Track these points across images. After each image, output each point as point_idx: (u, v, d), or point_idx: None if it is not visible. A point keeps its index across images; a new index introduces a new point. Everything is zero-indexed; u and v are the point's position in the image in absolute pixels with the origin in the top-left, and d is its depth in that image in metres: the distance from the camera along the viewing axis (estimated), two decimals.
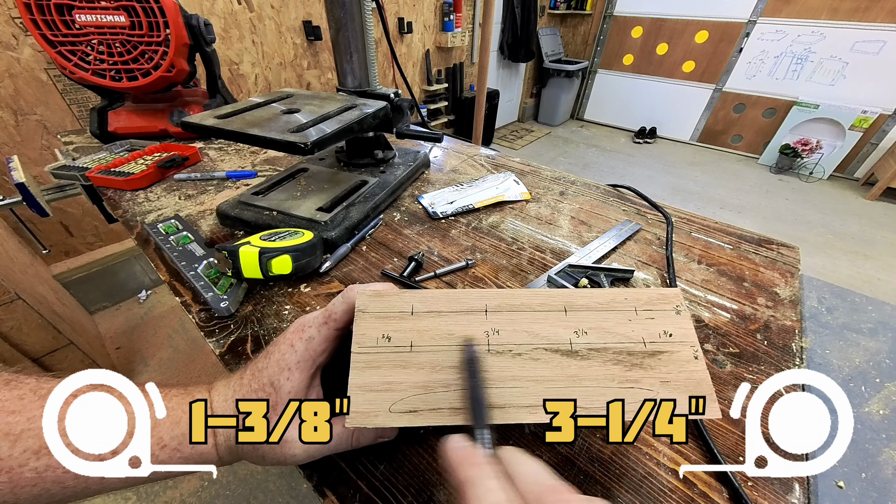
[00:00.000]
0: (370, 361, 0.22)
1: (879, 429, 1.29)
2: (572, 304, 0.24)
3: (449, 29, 2.60)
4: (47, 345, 1.00)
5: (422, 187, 0.69)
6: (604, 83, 4.08)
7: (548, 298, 0.24)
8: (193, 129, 0.48)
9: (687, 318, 0.24)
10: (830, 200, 2.81)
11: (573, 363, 0.22)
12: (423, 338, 0.23)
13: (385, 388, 0.21)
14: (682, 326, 0.23)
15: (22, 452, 0.19)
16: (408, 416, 0.20)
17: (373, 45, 0.61)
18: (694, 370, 0.22)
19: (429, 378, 0.21)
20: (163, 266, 0.48)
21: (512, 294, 0.24)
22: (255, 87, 1.75)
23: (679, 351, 0.22)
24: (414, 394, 0.21)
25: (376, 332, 0.23)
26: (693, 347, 0.23)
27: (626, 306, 0.24)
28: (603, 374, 0.21)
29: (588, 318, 0.23)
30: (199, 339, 1.44)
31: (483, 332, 0.23)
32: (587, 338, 0.22)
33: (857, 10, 2.70)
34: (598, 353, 0.22)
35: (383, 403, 0.21)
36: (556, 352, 0.22)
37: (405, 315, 0.23)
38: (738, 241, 0.56)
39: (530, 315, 0.23)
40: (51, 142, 1.28)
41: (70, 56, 0.71)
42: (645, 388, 0.21)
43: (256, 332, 0.39)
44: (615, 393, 0.21)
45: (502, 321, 0.23)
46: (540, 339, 0.22)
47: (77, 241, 1.47)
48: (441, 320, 0.23)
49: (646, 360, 0.22)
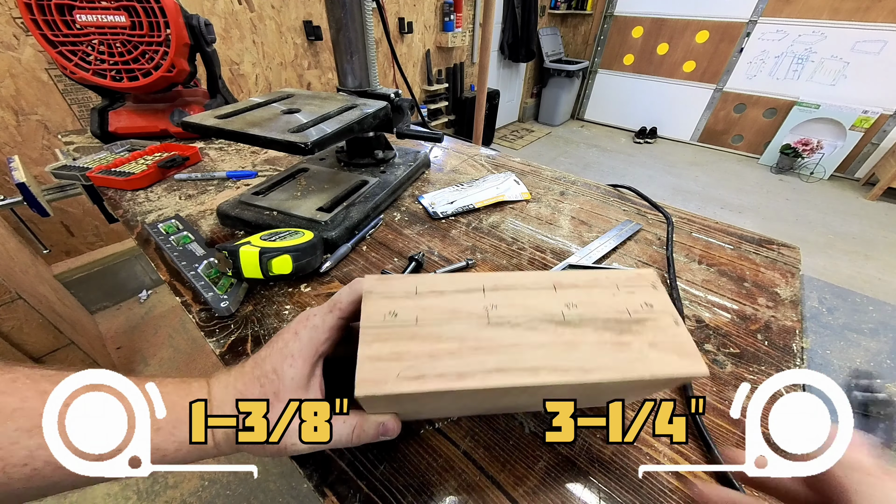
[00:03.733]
0: (378, 335, 0.23)
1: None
2: (560, 282, 0.26)
3: (449, 29, 2.60)
4: (48, 344, 1.00)
5: (422, 187, 0.69)
6: (604, 83, 4.07)
7: (538, 277, 0.26)
8: (194, 129, 0.49)
9: (663, 292, 0.26)
10: (831, 200, 2.81)
11: (567, 330, 0.23)
12: (427, 313, 0.24)
13: (393, 357, 0.22)
14: (660, 299, 0.26)
15: (14, 431, 0.19)
16: (415, 382, 0.21)
17: (373, 45, 0.61)
18: (677, 334, 0.24)
19: (434, 347, 0.22)
20: (163, 266, 0.48)
21: (506, 275, 0.27)
22: (256, 87, 1.75)
23: (661, 318, 0.25)
24: (420, 361, 0.22)
25: (383, 310, 0.24)
26: (672, 316, 0.25)
27: (608, 283, 0.26)
28: (596, 339, 0.23)
29: (576, 293, 0.25)
30: (200, 339, 1.44)
31: (482, 307, 0.24)
32: (577, 310, 0.24)
33: (858, 9, 2.70)
34: (589, 321, 0.24)
35: (391, 371, 0.21)
36: (550, 322, 0.24)
37: (410, 295, 0.25)
38: (739, 242, 0.56)
39: (524, 292, 0.25)
40: (51, 142, 1.28)
41: (71, 56, 0.71)
42: (636, 351, 0.23)
43: (257, 331, 0.39)
44: (610, 355, 0.22)
45: (499, 298, 0.25)
46: (535, 311, 0.24)
47: (78, 240, 1.47)
48: (443, 298, 0.25)
49: (633, 327, 0.24)
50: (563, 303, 0.25)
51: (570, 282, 0.26)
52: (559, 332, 0.23)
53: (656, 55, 3.65)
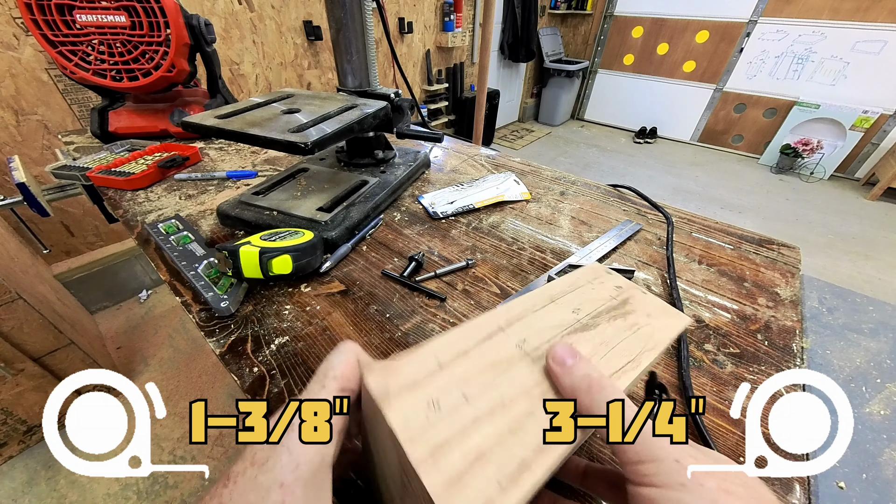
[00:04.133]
0: (436, 445, 0.16)
1: (880, 429, 1.29)
2: (553, 293, 0.26)
3: (449, 29, 2.60)
4: (48, 344, 1.00)
5: (422, 187, 0.69)
6: (604, 83, 4.07)
7: (536, 298, 0.26)
8: (194, 129, 0.49)
9: (617, 276, 0.28)
10: (831, 200, 2.81)
11: (593, 333, 0.23)
12: (470, 383, 0.19)
13: (476, 459, 0.16)
14: (621, 281, 0.28)
15: None
16: (525, 476, 0.16)
17: (373, 45, 0.61)
18: (654, 301, 0.26)
19: (508, 416, 0.18)
20: (163, 266, 0.48)
21: (509, 307, 0.25)
22: (256, 87, 1.75)
23: (635, 294, 0.27)
24: (506, 441, 0.17)
25: (419, 405, 0.18)
26: (640, 289, 0.27)
27: (584, 281, 0.28)
28: (615, 329, 0.24)
29: (571, 298, 0.26)
30: (200, 339, 1.44)
31: (514, 345, 0.22)
32: (583, 311, 0.25)
33: (858, 9, 2.70)
34: (599, 317, 0.24)
35: (487, 483, 0.16)
36: (574, 331, 0.23)
37: (435, 371, 0.19)
38: (739, 242, 0.56)
39: (535, 315, 0.24)
40: (52, 142, 1.28)
41: (71, 56, 0.71)
42: (643, 325, 0.24)
43: (256, 331, 0.39)
44: (636, 336, 0.23)
45: (520, 330, 0.23)
46: (557, 328, 0.23)
47: (78, 240, 1.47)
48: (473, 357, 0.21)
49: (626, 307, 0.25)
50: (569, 310, 0.25)
51: (560, 289, 0.27)
52: (588, 336, 0.23)
53: (656, 55, 3.65)
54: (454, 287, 0.46)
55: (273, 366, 0.36)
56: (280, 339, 0.38)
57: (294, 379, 0.35)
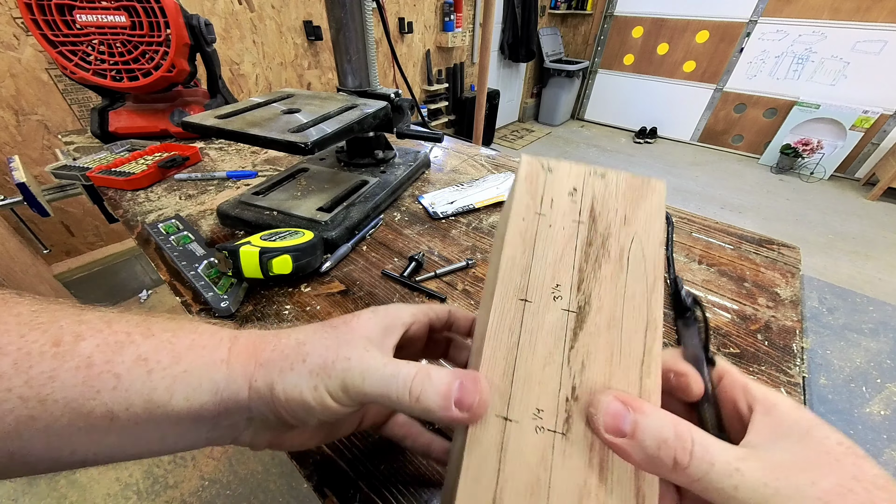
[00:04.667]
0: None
1: (881, 429, 1.29)
2: (518, 288, 0.21)
3: (449, 29, 2.60)
4: None
5: (422, 187, 0.69)
6: (604, 83, 4.07)
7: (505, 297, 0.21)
8: (194, 129, 0.49)
9: (559, 167, 0.22)
10: (831, 200, 2.81)
11: (592, 320, 0.19)
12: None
13: None
14: (570, 183, 0.22)
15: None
16: None
17: (373, 45, 0.61)
18: (611, 177, 0.21)
19: None
20: (163, 266, 0.48)
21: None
22: (256, 87, 1.75)
23: (592, 187, 0.21)
24: None
25: None
26: (590, 171, 0.22)
27: (526, 229, 0.21)
28: (608, 292, 0.20)
29: (539, 275, 0.21)
30: None
31: (531, 419, 0.18)
32: (564, 285, 0.20)
33: (859, 9, 2.70)
34: (585, 284, 0.20)
35: None
36: (575, 332, 0.19)
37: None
38: (739, 242, 0.56)
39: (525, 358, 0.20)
40: (52, 142, 1.28)
41: (71, 56, 0.71)
42: (629, 245, 0.20)
43: None
44: (634, 280, 0.20)
45: (521, 393, 0.19)
46: (553, 347, 0.19)
47: (78, 240, 1.47)
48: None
49: (598, 229, 0.20)
50: (547, 292, 0.21)
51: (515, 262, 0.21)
52: (592, 327, 0.20)
53: (656, 55, 3.65)
54: (454, 287, 0.46)
55: None
56: None
57: None
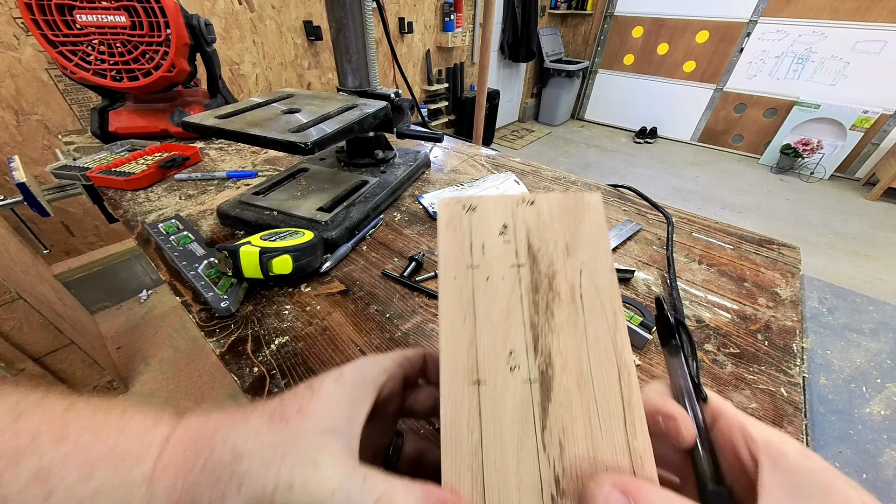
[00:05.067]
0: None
1: (881, 429, 1.29)
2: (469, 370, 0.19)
3: (449, 29, 2.60)
4: (48, 344, 1.00)
5: (422, 187, 0.69)
6: (604, 83, 4.07)
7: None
8: (194, 129, 0.49)
9: (482, 201, 0.21)
10: (831, 200, 2.81)
11: (559, 381, 0.17)
12: None
13: None
14: (498, 218, 0.20)
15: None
16: None
17: (373, 45, 0.61)
18: (540, 202, 0.20)
19: None
20: (163, 266, 0.48)
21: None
22: (256, 87, 1.75)
23: (524, 225, 0.20)
24: None
25: None
26: (516, 200, 0.20)
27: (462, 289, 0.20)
28: (570, 342, 0.17)
29: (490, 335, 0.19)
30: (200, 339, 1.44)
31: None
32: (517, 349, 0.18)
33: (859, 9, 2.69)
34: (544, 335, 0.18)
35: None
36: (538, 399, 0.17)
37: None
38: (739, 242, 0.56)
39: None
40: (52, 142, 1.28)
41: (71, 56, 0.71)
42: (578, 279, 0.18)
43: (257, 331, 0.39)
44: (595, 321, 0.18)
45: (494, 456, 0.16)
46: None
47: (78, 240, 1.47)
48: None
49: (542, 269, 0.19)
50: (502, 355, 0.18)
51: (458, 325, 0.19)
52: (560, 391, 0.17)
53: (656, 55, 3.65)
54: None
55: (273, 366, 0.36)
56: (280, 339, 0.38)
57: (294, 379, 0.35)
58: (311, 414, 0.16)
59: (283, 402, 0.17)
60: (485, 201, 0.19)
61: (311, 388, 0.17)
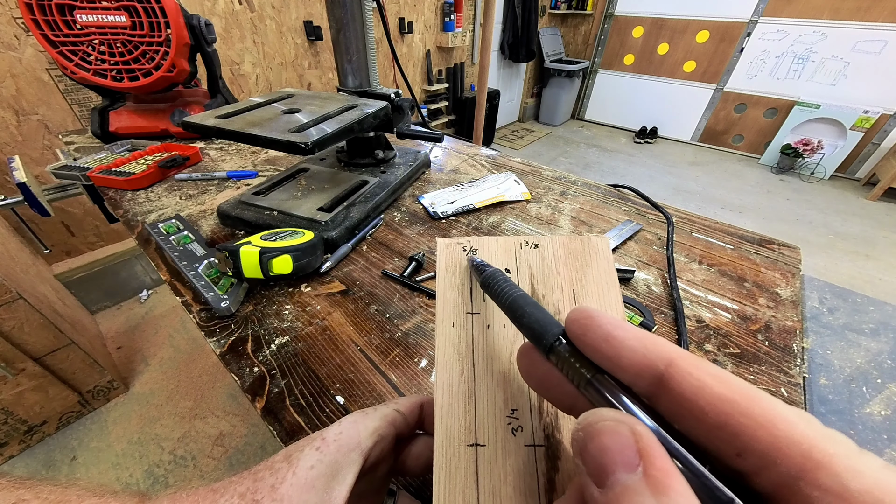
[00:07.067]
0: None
1: (881, 430, 1.29)
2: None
3: (450, 29, 2.60)
4: (48, 344, 1.00)
5: (422, 187, 0.69)
6: (604, 83, 4.07)
7: None
8: (194, 129, 0.49)
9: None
10: (832, 200, 2.80)
11: None
12: None
13: None
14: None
15: None
16: None
17: (373, 45, 0.61)
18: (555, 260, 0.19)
19: None
20: (164, 266, 0.48)
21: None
22: (256, 87, 1.75)
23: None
24: None
25: None
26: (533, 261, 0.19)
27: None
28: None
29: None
30: (200, 339, 1.44)
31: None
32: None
33: (859, 9, 2.69)
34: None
35: None
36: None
37: None
38: (739, 242, 0.56)
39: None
40: (52, 142, 1.28)
41: (71, 56, 0.71)
42: None
43: (257, 331, 0.39)
44: None
45: None
46: None
47: (78, 240, 1.47)
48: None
49: None
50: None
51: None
52: None
53: (657, 55, 3.65)
54: None
55: (273, 366, 0.36)
56: (280, 339, 0.38)
57: (294, 379, 0.35)
58: (285, 495, 0.15)
59: (256, 480, 0.15)
60: (487, 243, 0.18)
61: (288, 459, 0.16)
